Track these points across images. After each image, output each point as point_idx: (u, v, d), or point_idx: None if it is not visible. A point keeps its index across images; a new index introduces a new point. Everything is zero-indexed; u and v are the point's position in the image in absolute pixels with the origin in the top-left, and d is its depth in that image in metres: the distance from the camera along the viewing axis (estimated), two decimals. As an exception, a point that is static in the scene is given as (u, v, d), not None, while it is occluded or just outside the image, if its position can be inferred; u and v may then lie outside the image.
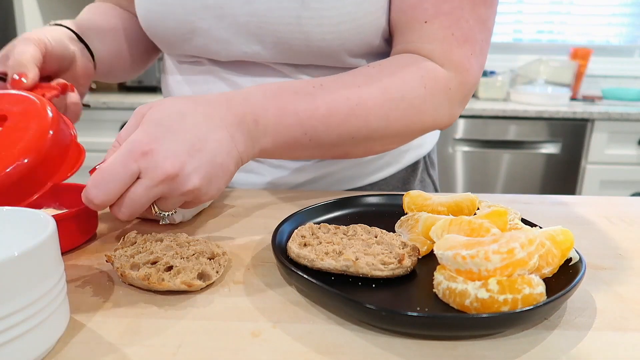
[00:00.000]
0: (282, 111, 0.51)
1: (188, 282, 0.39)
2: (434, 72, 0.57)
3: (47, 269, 0.31)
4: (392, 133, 0.57)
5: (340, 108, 0.53)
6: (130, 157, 0.41)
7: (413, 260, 0.42)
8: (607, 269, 0.46)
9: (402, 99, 0.55)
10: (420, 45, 0.58)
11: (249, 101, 0.50)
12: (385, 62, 0.58)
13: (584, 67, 2.39)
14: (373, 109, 0.54)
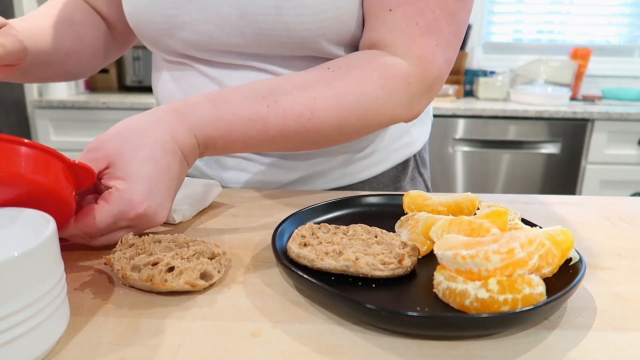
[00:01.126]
0: (231, 139, 0.53)
1: (191, 282, 0.39)
2: (393, 69, 0.56)
3: (47, 269, 0.31)
4: (345, 136, 0.59)
5: (292, 126, 0.54)
6: (124, 217, 0.46)
7: (413, 260, 0.42)
8: (607, 269, 0.46)
9: (358, 104, 0.55)
10: (384, 34, 0.57)
11: (200, 126, 0.51)
12: (343, 63, 0.57)
13: (584, 67, 2.39)
14: (327, 120, 0.55)
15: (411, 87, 0.57)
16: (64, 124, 2.13)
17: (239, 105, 0.52)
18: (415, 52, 0.57)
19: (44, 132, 2.14)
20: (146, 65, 2.32)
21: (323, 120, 0.55)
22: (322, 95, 0.54)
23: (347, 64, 0.57)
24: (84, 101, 2.08)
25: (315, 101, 0.54)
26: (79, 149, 2.14)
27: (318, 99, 0.54)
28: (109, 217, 0.45)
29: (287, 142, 0.56)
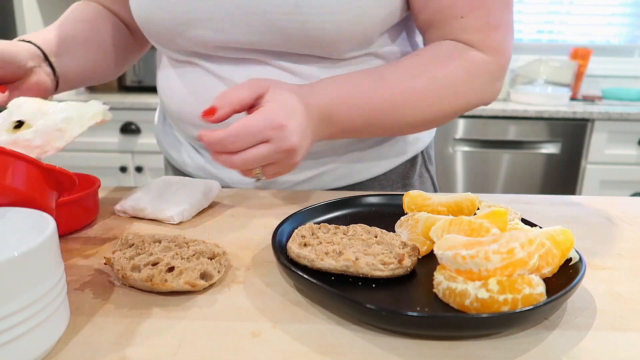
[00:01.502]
0: (351, 108, 0.60)
1: (191, 282, 0.39)
2: (475, 59, 0.64)
3: (47, 269, 0.31)
4: (441, 116, 0.65)
5: (398, 101, 0.61)
6: (268, 126, 0.50)
7: (413, 260, 0.42)
8: (607, 269, 0.46)
9: (449, 85, 0.63)
10: (459, 36, 0.64)
11: (326, 98, 0.58)
12: (430, 52, 0.64)
13: (584, 67, 2.39)
14: (426, 99, 0.62)
15: (491, 73, 0.65)
16: (64, 124, 2.13)
17: (351, 83, 0.60)
18: (491, 46, 0.64)
19: (44, 132, 2.14)
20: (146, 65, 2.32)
21: (423, 99, 0.62)
22: (420, 79, 0.62)
23: (434, 53, 0.64)
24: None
25: (414, 81, 0.61)
26: (79, 149, 2.14)
27: (416, 79, 0.61)
28: (258, 122, 0.49)
29: (396, 116, 0.62)
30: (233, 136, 0.49)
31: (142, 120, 2.09)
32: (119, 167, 2.15)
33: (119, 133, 2.11)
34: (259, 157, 0.50)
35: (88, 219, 0.56)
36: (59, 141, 0.48)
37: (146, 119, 2.09)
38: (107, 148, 2.13)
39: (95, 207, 0.57)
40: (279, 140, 0.50)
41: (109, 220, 0.58)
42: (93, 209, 0.57)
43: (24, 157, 0.39)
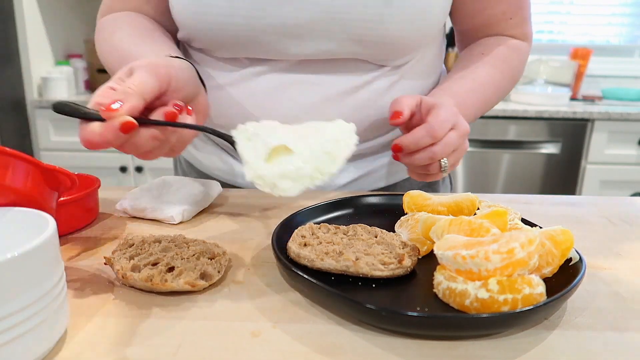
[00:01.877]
0: (471, 99, 0.69)
1: (191, 282, 0.39)
2: (522, 50, 0.77)
3: (47, 269, 0.31)
4: (507, 93, 0.78)
5: (491, 97, 0.73)
6: (451, 114, 0.57)
7: (413, 260, 0.42)
8: (607, 269, 0.46)
9: (513, 77, 0.76)
10: (506, 31, 0.76)
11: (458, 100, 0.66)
12: (492, 49, 0.74)
13: (584, 67, 2.39)
14: (502, 88, 0.74)
15: (527, 56, 0.79)
16: (64, 124, 2.13)
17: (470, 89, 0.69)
18: (527, 35, 0.78)
19: (44, 132, 2.14)
20: (146, 65, 2.32)
21: (503, 88, 0.74)
22: (502, 73, 0.73)
23: (496, 50, 0.74)
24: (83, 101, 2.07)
25: (501, 76, 0.73)
26: (79, 149, 2.14)
27: (500, 78, 0.73)
28: (445, 113, 0.56)
29: (486, 106, 0.74)
30: (436, 127, 0.56)
31: (142, 120, 2.09)
32: (119, 167, 2.15)
33: (119, 133, 2.10)
34: (451, 142, 0.57)
35: (88, 219, 0.56)
36: (330, 166, 0.43)
37: (146, 119, 2.08)
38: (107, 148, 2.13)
39: (95, 207, 0.57)
40: (460, 125, 0.58)
41: (109, 220, 0.58)
42: (93, 209, 0.57)
43: (24, 157, 0.39)
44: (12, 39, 2.07)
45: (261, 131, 0.45)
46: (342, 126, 0.47)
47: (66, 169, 0.43)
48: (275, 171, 0.41)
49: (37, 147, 2.18)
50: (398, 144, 0.57)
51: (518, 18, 0.75)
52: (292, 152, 0.43)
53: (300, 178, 0.41)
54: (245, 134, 0.46)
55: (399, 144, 0.57)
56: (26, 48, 2.10)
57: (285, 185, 0.41)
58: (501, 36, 0.76)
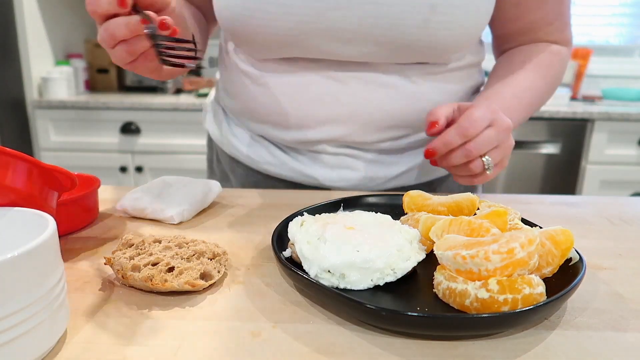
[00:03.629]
0: (516, 102, 0.69)
1: (192, 282, 0.39)
2: (563, 55, 0.76)
3: (47, 269, 0.31)
4: (550, 96, 0.77)
5: (535, 102, 0.73)
6: (487, 112, 0.58)
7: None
8: (607, 269, 0.46)
9: (554, 82, 0.76)
10: (546, 37, 0.75)
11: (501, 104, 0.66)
12: (533, 55, 0.74)
13: (584, 67, 2.39)
14: (545, 93, 0.74)
15: (567, 60, 0.78)
16: (64, 124, 2.13)
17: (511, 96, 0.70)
18: (567, 40, 0.76)
19: (44, 132, 2.14)
20: (146, 65, 2.32)
21: (543, 93, 0.74)
22: (541, 80, 0.73)
23: (537, 56, 0.74)
24: (84, 101, 2.08)
25: (538, 82, 0.73)
26: (79, 149, 2.14)
27: (538, 80, 0.73)
28: (478, 111, 0.57)
29: (529, 111, 0.72)
30: (466, 125, 0.57)
31: (142, 120, 2.09)
32: (119, 167, 2.15)
33: (119, 133, 2.11)
34: (488, 138, 0.57)
35: (88, 219, 0.56)
36: (401, 263, 0.41)
37: (146, 119, 2.09)
38: (107, 148, 2.13)
39: (95, 207, 0.57)
40: (499, 121, 0.58)
41: (109, 220, 0.58)
42: (93, 209, 0.57)
43: (24, 157, 0.39)
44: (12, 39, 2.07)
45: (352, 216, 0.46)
46: (410, 231, 0.45)
47: (66, 169, 0.43)
48: (345, 260, 0.40)
49: (37, 147, 2.18)
50: (429, 149, 0.59)
51: (558, 23, 0.74)
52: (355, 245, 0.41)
53: (369, 271, 0.40)
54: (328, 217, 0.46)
55: (430, 148, 0.58)
56: (26, 48, 2.10)
57: (353, 278, 0.40)
58: (541, 42, 0.75)
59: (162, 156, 2.13)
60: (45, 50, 2.24)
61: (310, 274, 0.40)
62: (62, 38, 2.35)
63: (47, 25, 2.23)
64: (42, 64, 2.21)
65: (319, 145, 0.72)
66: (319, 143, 0.72)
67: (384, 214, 0.49)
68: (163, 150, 2.12)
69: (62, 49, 2.36)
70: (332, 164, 0.73)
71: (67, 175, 0.42)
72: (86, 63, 2.40)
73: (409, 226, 0.46)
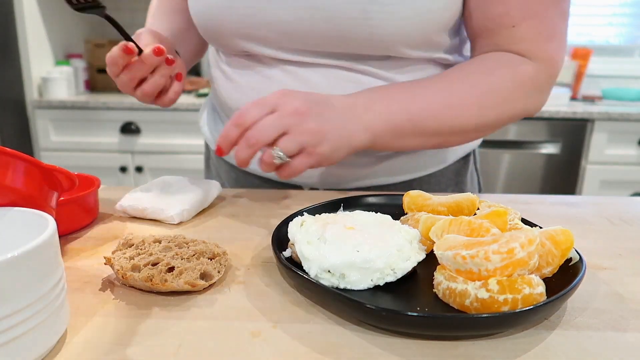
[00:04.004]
0: (388, 99, 0.60)
1: (191, 282, 0.39)
2: (522, 67, 0.62)
3: (47, 269, 0.31)
4: (486, 122, 0.64)
5: (437, 100, 0.61)
6: (272, 96, 0.54)
7: None
8: (607, 269, 0.46)
9: (491, 91, 0.62)
10: (509, 46, 0.63)
11: (361, 95, 0.60)
12: (474, 62, 0.64)
13: (584, 67, 2.39)
14: (466, 101, 0.62)
15: (539, 82, 0.64)
16: (64, 124, 2.13)
17: (386, 85, 0.63)
18: (542, 57, 0.62)
19: (44, 132, 2.14)
20: (146, 65, 2.32)
21: (464, 100, 0.62)
22: (459, 83, 0.62)
23: (477, 63, 0.64)
24: (84, 101, 2.08)
25: (452, 85, 0.62)
26: (79, 149, 2.14)
27: (455, 83, 0.62)
28: (263, 98, 0.54)
29: (437, 117, 0.61)
30: (239, 113, 0.53)
31: (142, 120, 2.09)
32: (119, 167, 2.15)
33: (119, 133, 2.11)
34: (267, 124, 0.52)
35: (88, 219, 0.56)
36: (401, 263, 0.40)
37: (146, 119, 2.09)
38: (107, 148, 2.13)
39: (95, 207, 0.57)
40: (283, 105, 0.53)
41: (109, 220, 0.58)
42: (93, 209, 0.57)
43: (23, 157, 0.39)
44: (12, 39, 2.07)
45: (319, 220, 0.45)
46: (410, 231, 0.45)
47: (66, 169, 0.43)
48: (345, 260, 0.39)
49: (37, 147, 2.18)
50: (217, 146, 0.55)
51: (526, 29, 0.61)
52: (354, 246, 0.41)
53: (369, 271, 0.40)
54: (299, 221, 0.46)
55: (217, 145, 0.54)
56: (26, 48, 2.10)
57: (353, 278, 0.39)
58: (507, 52, 0.63)
59: (162, 156, 2.13)
60: (45, 50, 2.24)
61: (310, 274, 0.40)
62: (62, 38, 2.35)
63: (47, 25, 2.23)
64: (42, 64, 2.21)
65: None
66: None
67: (384, 214, 0.49)
68: (163, 150, 2.12)
69: (62, 49, 2.36)
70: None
71: (67, 175, 0.42)
72: (86, 63, 2.40)
73: (409, 226, 0.46)
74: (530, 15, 0.60)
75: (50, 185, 0.42)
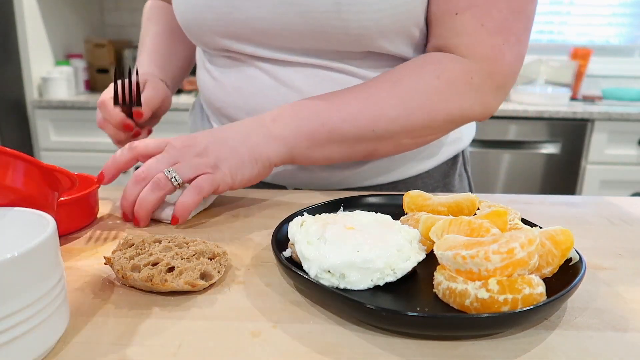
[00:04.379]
0: (298, 107, 0.60)
1: (191, 282, 0.39)
2: (450, 64, 0.59)
3: (47, 269, 0.31)
4: (415, 125, 0.60)
5: (352, 101, 0.59)
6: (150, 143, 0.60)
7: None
8: (607, 269, 0.46)
9: (415, 89, 0.59)
10: (449, 40, 0.60)
11: (272, 110, 0.61)
12: (400, 65, 0.63)
13: (584, 67, 2.39)
14: (386, 100, 0.59)
15: (475, 82, 0.60)
16: (64, 124, 2.13)
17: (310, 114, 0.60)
18: (480, 52, 0.59)
19: (44, 132, 2.14)
20: (146, 65, 2.32)
21: (384, 100, 0.59)
22: (379, 84, 0.60)
23: (400, 66, 0.62)
24: (84, 101, 2.08)
25: (370, 87, 0.60)
26: (79, 149, 2.14)
27: (372, 86, 0.60)
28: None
29: (355, 119, 0.59)
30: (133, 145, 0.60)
31: (142, 120, 2.09)
32: (119, 167, 2.14)
33: (119, 133, 2.10)
34: (154, 159, 0.56)
35: (88, 219, 0.56)
36: (401, 263, 0.40)
37: (146, 119, 2.08)
38: (107, 148, 2.13)
39: (95, 207, 0.57)
40: (172, 142, 0.57)
41: (109, 220, 0.58)
42: (93, 209, 0.57)
43: (23, 157, 0.39)
44: (12, 39, 2.07)
45: (318, 220, 0.45)
46: (410, 231, 0.45)
47: (66, 169, 0.43)
48: (345, 260, 0.39)
49: (37, 147, 2.18)
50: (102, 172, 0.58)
51: (468, 19, 0.57)
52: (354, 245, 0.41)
53: (369, 271, 0.39)
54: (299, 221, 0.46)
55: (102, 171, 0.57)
56: (26, 48, 2.10)
57: (353, 278, 0.39)
58: (441, 51, 0.61)
59: (162, 156, 2.13)
60: (45, 50, 2.24)
61: (310, 274, 0.40)
62: (62, 38, 2.35)
63: (47, 25, 2.23)
64: (42, 64, 2.21)
65: None
66: None
67: (384, 214, 0.49)
68: (163, 150, 2.12)
69: (62, 49, 2.36)
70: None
71: (67, 175, 0.42)
72: (86, 63, 2.40)
73: (409, 226, 0.46)
74: (476, 4, 0.57)
75: (50, 185, 0.42)
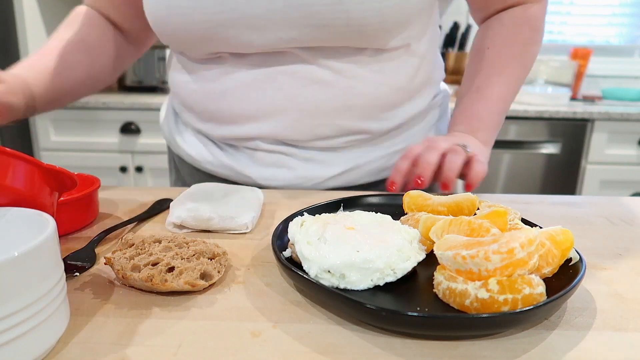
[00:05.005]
0: (486, 118, 0.73)
1: (191, 282, 0.39)
2: (539, 20, 0.75)
3: (47, 269, 0.31)
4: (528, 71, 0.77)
5: (507, 96, 0.74)
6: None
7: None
8: (607, 269, 0.46)
9: (526, 68, 0.76)
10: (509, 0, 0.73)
11: (472, 120, 0.73)
12: (508, 39, 0.74)
13: (584, 67, 2.39)
14: (518, 88, 0.76)
15: (542, 20, 0.76)
16: (64, 124, 2.13)
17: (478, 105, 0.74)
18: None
19: (44, 132, 2.14)
20: (146, 65, 2.32)
21: (519, 79, 0.75)
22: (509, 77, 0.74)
23: (503, 37, 0.74)
24: (84, 101, 2.08)
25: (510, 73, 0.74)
26: (79, 149, 2.14)
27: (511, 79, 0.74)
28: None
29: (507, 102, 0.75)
30: (410, 147, 0.66)
31: (142, 120, 2.09)
32: (119, 167, 2.15)
33: (119, 133, 2.11)
34: (429, 151, 0.63)
35: (88, 219, 0.56)
36: (401, 263, 0.40)
37: (146, 119, 2.09)
38: (107, 148, 2.13)
39: (95, 207, 0.57)
40: (434, 141, 0.65)
41: (109, 221, 0.58)
42: (93, 209, 0.57)
43: (24, 157, 0.39)
44: (12, 39, 2.07)
45: (317, 221, 0.45)
46: (410, 231, 0.45)
47: (66, 169, 0.43)
48: (345, 260, 0.39)
49: (37, 147, 2.18)
50: (390, 180, 0.64)
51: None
52: (354, 246, 0.41)
53: (369, 271, 0.39)
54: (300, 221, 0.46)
55: (390, 180, 0.64)
56: (26, 48, 2.10)
57: (353, 278, 0.39)
58: (516, 7, 0.74)
59: (162, 156, 2.13)
60: (45, 50, 2.24)
61: (310, 274, 0.40)
62: (62, 38, 2.35)
63: (47, 25, 2.23)
64: (42, 64, 2.21)
65: (252, 141, 0.71)
66: (252, 139, 0.71)
67: (384, 214, 0.49)
68: (163, 150, 2.12)
69: (62, 49, 2.36)
70: (266, 162, 0.72)
71: (67, 175, 0.42)
72: (86, 63, 2.40)
73: (409, 226, 0.46)
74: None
75: (50, 185, 0.42)
